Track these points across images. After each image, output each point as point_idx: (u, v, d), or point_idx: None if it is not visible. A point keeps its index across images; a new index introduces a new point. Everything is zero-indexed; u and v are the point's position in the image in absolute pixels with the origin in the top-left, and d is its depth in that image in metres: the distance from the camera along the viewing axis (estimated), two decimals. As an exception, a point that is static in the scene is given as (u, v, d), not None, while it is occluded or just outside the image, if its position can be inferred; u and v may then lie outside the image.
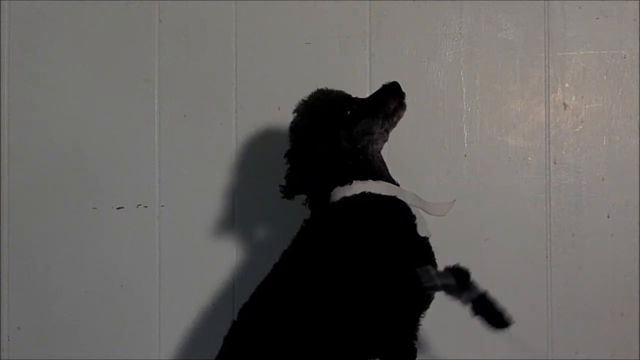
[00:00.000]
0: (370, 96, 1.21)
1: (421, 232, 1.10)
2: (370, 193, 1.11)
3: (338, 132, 1.15)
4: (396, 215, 1.10)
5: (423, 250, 1.09)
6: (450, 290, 1.04)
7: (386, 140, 1.20)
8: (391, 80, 1.19)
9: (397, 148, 1.38)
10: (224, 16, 1.49)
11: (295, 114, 1.20)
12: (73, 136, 1.50)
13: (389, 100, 1.18)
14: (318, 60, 1.48)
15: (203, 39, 1.49)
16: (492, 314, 1.03)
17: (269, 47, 1.49)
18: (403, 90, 1.19)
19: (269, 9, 1.49)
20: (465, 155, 1.46)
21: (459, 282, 1.03)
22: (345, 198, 1.11)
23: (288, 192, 1.18)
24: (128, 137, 1.49)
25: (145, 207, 1.49)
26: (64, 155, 1.50)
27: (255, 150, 1.48)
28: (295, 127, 1.19)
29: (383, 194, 1.12)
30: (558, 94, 1.46)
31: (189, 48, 1.49)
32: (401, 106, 1.18)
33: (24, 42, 1.51)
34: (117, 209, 1.49)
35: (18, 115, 1.51)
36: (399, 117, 1.19)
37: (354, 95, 1.21)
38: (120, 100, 1.50)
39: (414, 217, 1.11)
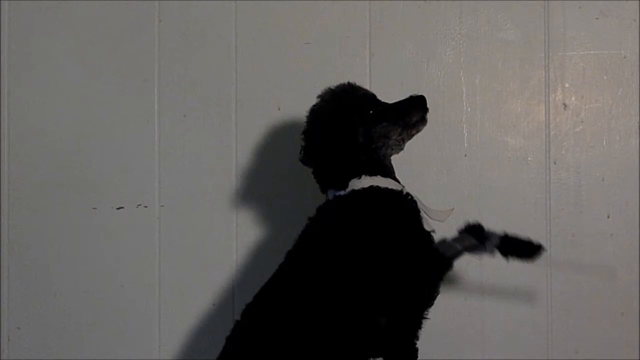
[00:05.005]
0: (396, 103, 1.21)
1: (426, 227, 1.12)
2: (378, 186, 1.13)
3: (357, 128, 1.15)
4: (405, 207, 1.12)
5: (430, 241, 1.11)
6: (472, 248, 1.07)
7: (402, 149, 1.21)
8: (419, 93, 1.20)
9: (397, 148, 1.38)
10: (224, 16, 1.49)
11: (319, 99, 1.20)
12: (73, 136, 1.50)
13: (413, 112, 1.19)
14: (318, 60, 1.48)
15: (203, 39, 1.49)
16: (521, 249, 1.07)
17: (269, 47, 1.49)
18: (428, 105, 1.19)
19: (269, 9, 1.49)
20: (465, 155, 1.46)
21: (477, 237, 1.07)
22: (354, 191, 1.13)
23: (303, 160, 1.20)
24: (128, 137, 1.49)
25: (145, 207, 1.49)
26: (64, 155, 1.50)
27: (255, 150, 1.47)
28: (317, 110, 1.19)
29: (391, 187, 1.14)
30: (558, 94, 1.46)
31: (189, 48, 1.49)
32: (422, 121, 1.20)
33: (24, 42, 1.51)
34: (117, 209, 1.49)
35: (18, 115, 1.51)
36: (418, 131, 1.20)
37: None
38: (120, 100, 1.50)
39: (419, 211, 1.13)
